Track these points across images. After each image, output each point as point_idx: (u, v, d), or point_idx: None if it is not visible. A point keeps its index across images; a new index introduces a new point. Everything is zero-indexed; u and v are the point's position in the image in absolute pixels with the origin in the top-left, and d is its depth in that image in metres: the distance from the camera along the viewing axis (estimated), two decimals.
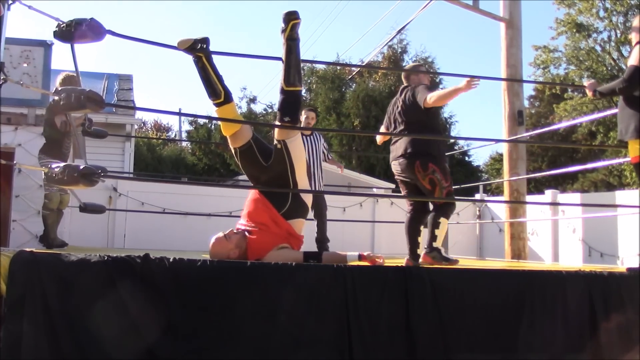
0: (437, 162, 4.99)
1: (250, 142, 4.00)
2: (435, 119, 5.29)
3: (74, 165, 3.12)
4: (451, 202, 5.06)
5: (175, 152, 25.31)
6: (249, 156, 4.02)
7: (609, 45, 24.05)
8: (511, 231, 9.27)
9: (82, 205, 5.83)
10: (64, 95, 3.12)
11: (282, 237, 3.85)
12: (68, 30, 3.43)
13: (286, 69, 3.97)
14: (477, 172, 24.51)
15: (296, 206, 3.93)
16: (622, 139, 4.18)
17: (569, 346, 3.40)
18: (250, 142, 4.00)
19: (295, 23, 3.99)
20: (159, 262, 2.90)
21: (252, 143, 4.00)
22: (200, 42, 3.94)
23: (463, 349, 3.23)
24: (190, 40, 3.94)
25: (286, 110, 3.96)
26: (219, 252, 3.69)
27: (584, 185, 21.36)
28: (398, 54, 23.34)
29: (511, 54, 9.51)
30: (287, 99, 3.99)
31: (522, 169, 9.37)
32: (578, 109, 22.71)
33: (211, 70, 3.96)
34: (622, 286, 3.60)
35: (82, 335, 2.70)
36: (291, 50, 3.98)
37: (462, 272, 3.65)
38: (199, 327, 2.87)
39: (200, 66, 3.95)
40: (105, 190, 9.51)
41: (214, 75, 3.96)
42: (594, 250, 9.79)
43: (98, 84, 13.70)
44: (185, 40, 3.95)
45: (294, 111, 4.01)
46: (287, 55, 3.98)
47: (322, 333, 3.03)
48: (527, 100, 26.69)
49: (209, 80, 3.96)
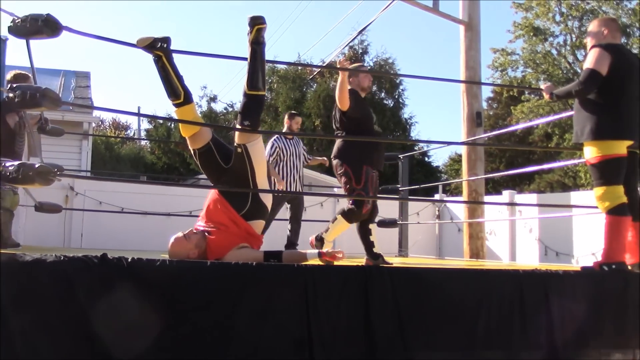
0: (354, 164, 5.04)
1: (210, 143, 3.97)
2: (352, 123, 5.18)
3: (29, 164, 3.05)
4: (358, 208, 5.05)
5: (134, 150, 24.99)
6: (208, 158, 4.00)
7: (565, 49, 24.55)
8: (470, 231, 9.41)
9: (37, 204, 5.71)
10: (18, 92, 3.05)
11: (242, 237, 3.83)
12: (23, 25, 3.35)
13: (250, 72, 3.94)
14: (436, 173, 24.77)
15: (256, 208, 3.91)
16: (578, 141, 4.27)
17: (525, 344, 3.46)
18: (210, 144, 3.97)
19: (260, 28, 3.96)
20: (116, 262, 2.86)
21: (212, 145, 3.98)
22: (161, 41, 3.88)
23: (423, 348, 3.26)
24: (150, 38, 3.88)
25: (247, 114, 3.93)
26: (178, 252, 3.66)
27: (541, 186, 21.76)
28: (359, 55, 23.43)
29: (470, 56, 9.65)
30: (248, 102, 3.96)
31: (480, 169, 9.51)
32: (535, 111, 23.12)
33: (171, 70, 3.91)
34: (577, 284, 3.68)
35: (35, 337, 2.65)
36: (255, 55, 3.95)
37: (422, 271, 3.68)
38: (157, 328, 2.84)
39: (160, 65, 3.90)
40: (62, 189, 9.34)
41: (174, 76, 3.91)
42: (550, 249, 10.00)
43: (55, 81, 13.45)
44: (145, 38, 3.89)
45: (255, 115, 3.97)
46: (252, 59, 3.95)
47: (282, 333, 3.02)
48: (486, 102, 27.09)
49: (169, 80, 3.91)
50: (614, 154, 4.08)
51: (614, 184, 4.07)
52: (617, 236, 4.04)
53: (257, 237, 3.95)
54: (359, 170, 5.03)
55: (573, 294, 3.62)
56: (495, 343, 3.40)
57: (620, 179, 4.09)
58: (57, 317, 2.69)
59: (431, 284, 3.42)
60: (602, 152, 4.10)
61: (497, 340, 3.41)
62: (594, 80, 4.13)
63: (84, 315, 2.71)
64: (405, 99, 23.72)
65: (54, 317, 2.68)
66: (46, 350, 2.64)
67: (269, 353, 2.98)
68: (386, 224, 7.85)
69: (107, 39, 4.05)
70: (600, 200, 4.11)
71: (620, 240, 4.05)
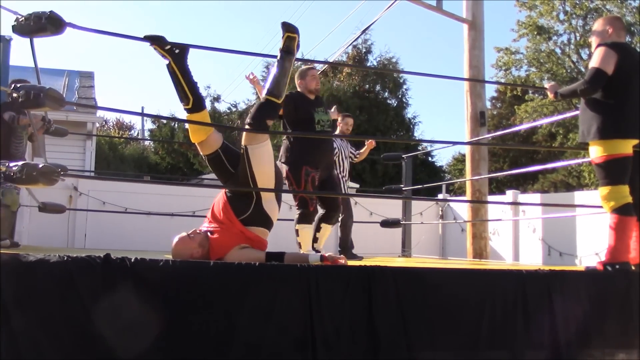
0: (293, 167, 5.32)
1: (218, 151, 3.97)
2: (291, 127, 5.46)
3: (32, 164, 3.06)
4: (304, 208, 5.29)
5: (137, 151, 25.01)
6: (217, 164, 4.01)
7: (569, 48, 24.50)
8: (473, 231, 9.40)
9: (41, 204, 5.73)
10: (22, 92, 3.06)
11: (242, 238, 3.82)
12: (27, 23, 3.35)
13: (272, 78, 3.96)
14: (440, 172, 24.72)
15: (258, 215, 3.87)
16: (584, 140, 4.25)
17: (528, 344, 3.45)
18: (218, 152, 3.97)
19: (291, 36, 3.97)
20: (120, 262, 2.86)
21: (220, 152, 3.97)
22: (172, 46, 3.85)
23: (426, 348, 3.26)
24: (161, 38, 3.84)
25: (254, 115, 3.93)
26: (181, 251, 3.65)
27: (544, 185, 21.71)
28: (362, 54, 23.39)
29: (474, 55, 9.64)
30: (261, 105, 3.98)
31: (484, 169, 9.50)
32: (539, 111, 23.08)
33: (181, 76, 3.86)
34: (580, 285, 3.67)
35: (38, 337, 2.65)
36: (283, 63, 3.96)
37: (425, 271, 3.67)
38: (160, 328, 2.84)
39: (170, 70, 3.88)
40: (66, 189, 9.36)
41: (184, 82, 3.86)
42: (553, 249, 9.98)
43: (58, 81, 13.48)
44: (155, 36, 3.86)
45: (262, 118, 3.94)
46: (278, 65, 3.96)
47: (285, 333, 3.02)
48: (489, 102, 27.04)
49: (177, 85, 3.88)
50: (620, 153, 4.07)
51: (619, 183, 4.06)
52: (621, 236, 4.02)
53: (259, 240, 3.91)
54: (298, 172, 5.26)
55: (576, 294, 3.61)
56: (498, 343, 3.40)
57: (625, 178, 4.08)
58: (60, 317, 2.69)
59: (434, 284, 3.41)
60: (607, 151, 4.09)
61: (501, 340, 3.40)
62: (600, 79, 4.12)
63: (87, 315, 2.71)
64: (408, 99, 23.64)
65: (57, 317, 2.68)
66: (49, 350, 2.65)
67: (272, 353, 2.97)
68: (389, 224, 7.86)
69: (110, 33, 4.03)
70: (605, 200, 4.10)
71: (624, 240, 4.04)
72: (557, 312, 3.51)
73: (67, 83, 13.92)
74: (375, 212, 10.41)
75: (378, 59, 23.72)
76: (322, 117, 5.57)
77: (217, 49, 4.51)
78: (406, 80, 23.04)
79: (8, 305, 2.62)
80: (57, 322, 2.68)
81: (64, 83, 13.72)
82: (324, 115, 5.61)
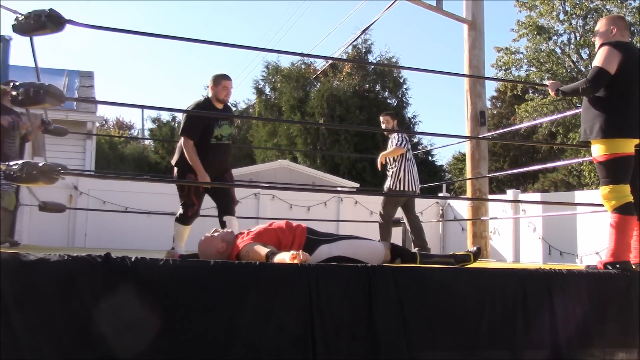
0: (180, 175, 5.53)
1: None
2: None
3: (32, 163, 3.05)
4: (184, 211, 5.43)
5: (137, 150, 25.00)
6: None
7: (569, 48, 24.51)
8: (473, 230, 9.39)
9: (41, 204, 5.72)
10: (22, 90, 3.05)
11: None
12: (27, 22, 3.35)
13: None
14: (440, 172, 24.71)
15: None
16: (586, 139, 4.24)
17: (529, 343, 3.44)
18: None
19: None
20: (120, 261, 2.86)
21: None
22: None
23: (426, 348, 3.26)
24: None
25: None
26: (207, 250, 3.86)
27: (545, 185, 21.72)
28: (362, 54, 23.38)
29: (474, 55, 9.63)
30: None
31: (484, 168, 9.50)
32: (539, 110, 23.10)
33: None
34: (581, 284, 3.67)
35: (38, 337, 2.64)
36: None
37: (426, 271, 3.67)
38: (160, 327, 2.83)
39: None
40: (66, 188, 9.35)
41: None
42: (553, 248, 9.97)
43: (58, 81, 13.45)
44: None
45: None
46: None
47: (285, 333, 3.02)
48: (489, 101, 27.07)
49: None
50: (622, 152, 4.07)
51: (620, 182, 4.05)
52: (622, 235, 4.02)
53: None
54: (182, 178, 5.47)
55: (577, 293, 3.61)
56: (498, 343, 3.39)
57: (627, 177, 4.08)
58: (60, 317, 2.68)
59: (434, 283, 3.41)
60: (610, 150, 4.08)
61: (501, 339, 3.40)
62: (602, 78, 4.12)
63: (87, 314, 2.71)
64: (408, 98, 23.63)
65: (57, 316, 2.68)
66: (49, 350, 2.64)
67: (272, 353, 2.97)
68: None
69: (110, 29, 4.03)
70: (606, 199, 4.09)
71: (625, 239, 4.03)
72: (557, 312, 3.50)
73: (67, 83, 13.90)
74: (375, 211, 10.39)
75: (378, 58, 23.70)
76: (223, 131, 5.52)
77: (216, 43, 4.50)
78: (406, 80, 23.04)
79: (8, 305, 2.62)
80: (57, 321, 2.68)
81: (64, 83, 13.70)
82: (226, 129, 5.55)
